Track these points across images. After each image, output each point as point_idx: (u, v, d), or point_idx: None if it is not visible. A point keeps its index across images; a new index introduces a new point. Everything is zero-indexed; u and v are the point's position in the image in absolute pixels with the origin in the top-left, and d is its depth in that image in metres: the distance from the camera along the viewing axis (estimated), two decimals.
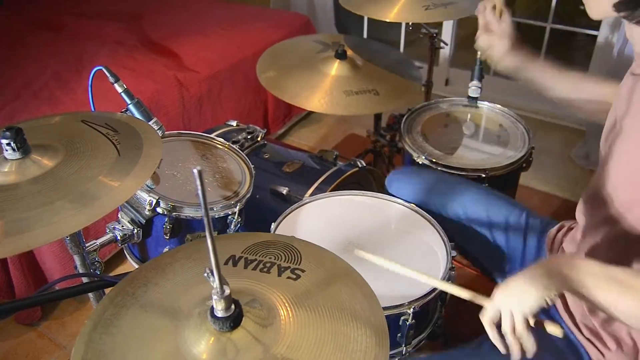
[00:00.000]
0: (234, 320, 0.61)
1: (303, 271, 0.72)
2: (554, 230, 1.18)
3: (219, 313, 0.60)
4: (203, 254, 0.56)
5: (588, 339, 0.98)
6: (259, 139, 1.68)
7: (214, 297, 0.59)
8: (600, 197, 0.96)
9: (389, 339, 0.63)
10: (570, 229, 1.15)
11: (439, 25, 2.75)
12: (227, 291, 0.59)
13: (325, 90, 1.56)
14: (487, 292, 1.71)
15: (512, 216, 1.23)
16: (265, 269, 0.73)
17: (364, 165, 1.59)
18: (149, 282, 0.72)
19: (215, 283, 0.58)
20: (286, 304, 0.66)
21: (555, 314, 1.05)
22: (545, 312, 1.06)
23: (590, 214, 1.02)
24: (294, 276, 0.71)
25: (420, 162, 1.52)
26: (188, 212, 1.20)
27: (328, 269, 0.73)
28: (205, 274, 0.58)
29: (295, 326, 0.63)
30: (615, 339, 0.96)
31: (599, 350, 0.97)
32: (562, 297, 1.04)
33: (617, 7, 0.83)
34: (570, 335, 1.01)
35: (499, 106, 1.72)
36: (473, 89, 1.67)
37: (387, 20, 1.56)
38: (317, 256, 0.76)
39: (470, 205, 1.27)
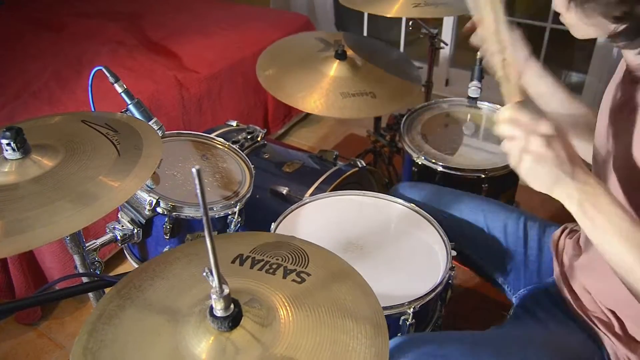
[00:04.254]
0: (233, 320, 0.61)
1: (309, 275, 0.72)
2: (557, 232, 1.18)
3: (218, 312, 0.60)
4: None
5: (602, 332, 0.99)
6: (259, 139, 1.68)
7: (213, 296, 0.59)
8: None
9: (389, 349, 0.63)
10: (573, 230, 1.15)
11: (439, 25, 2.75)
12: (226, 291, 0.59)
13: (322, 91, 1.56)
14: (487, 293, 1.71)
15: (510, 221, 1.24)
16: (271, 270, 0.72)
17: (364, 165, 1.59)
18: (156, 276, 0.72)
19: (215, 282, 0.58)
20: (287, 305, 0.66)
21: (567, 312, 1.06)
22: (558, 307, 1.07)
23: None
24: (299, 279, 0.71)
25: (419, 163, 1.52)
26: (188, 212, 1.20)
27: (334, 274, 0.73)
28: (205, 274, 0.58)
29: (295, 327, 0.63)
30: (626, 330, 0.97)
31: (612, 342, 0.98)
32: (574, 295, 1.05)
33: (614, 39, 0.82)
34: (588, 328, 1.03)
35: (499, 106, 1.71)
36: (473, 89, 1.67)
37: (388, 16, 1.56)
38: (325, 260, 0.76)
39: (469, 214, 1.28)
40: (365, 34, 3.18)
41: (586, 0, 0.79)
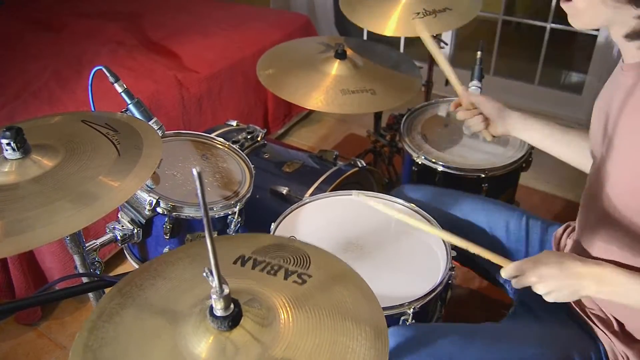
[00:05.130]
0: (232, 320, 0.61)
1: (310, 276, 0.72)
2: (560, 230, 1.18)
3: (218, 312, 0.60)
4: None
5: (600, 329, 1.00)
6: (259, 138, 1.68)
7: (213, 296, 0.59)
8: (597, 196, 0.96)
9: (388, 351, 0.63)
10: (575, 229, 1.15)
11: None
12: (226, 291, 0.59)
13: (322, 89, 1.56)
14: (487, 293, 1.71)
15: (512, 219, 1.24)
16: (272, 272, 0.73)
17: (364, 165, 1.59)
18: (158, 276, 0.72)
19: (215, 282, 0.58)
20: (287, 306, 0.66)
21: (567, 309, 1.06)
22: (558, 305, 1.07)
23: (587, 212, 1.03)
24: (300, 281, 0.71)
25: (419, 162, 1.52)
26: (188, 212, 1.20)
27: (335, 276, 0.73)
28: (205, 274, 0.59)
29: (295, 327, 0.63)
30: (624, 328, 0.98)
31: (610, 339, 0.98)
32: None
33: (632, 37, 0.84)
34: (587, 325, 1.03)
35: None
36: (473, 89, 1.67)
37: (387, 35, 1.56)
38: (326, 262, 0.76)
39: (470, 214, 1.28)
40: (365, 33, 3.17)
41: None
